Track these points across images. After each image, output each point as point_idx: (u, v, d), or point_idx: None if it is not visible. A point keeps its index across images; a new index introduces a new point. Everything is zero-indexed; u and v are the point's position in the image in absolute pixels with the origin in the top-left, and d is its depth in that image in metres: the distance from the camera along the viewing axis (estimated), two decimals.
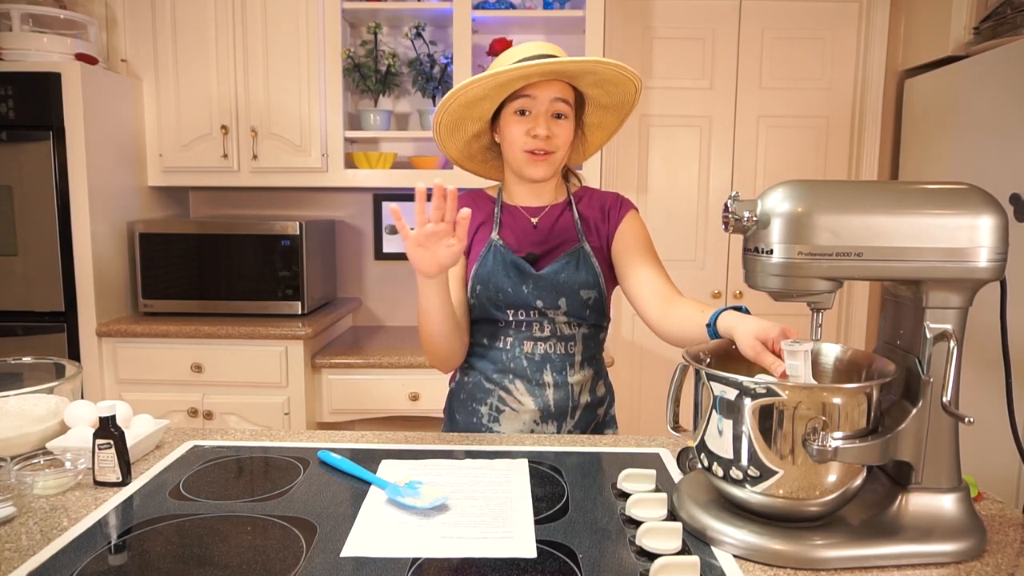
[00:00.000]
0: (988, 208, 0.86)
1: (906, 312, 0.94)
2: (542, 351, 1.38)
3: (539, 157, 1.32)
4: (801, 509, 0.88)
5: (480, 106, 1.32)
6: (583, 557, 0.86)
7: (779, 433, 0.85)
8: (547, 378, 1.37)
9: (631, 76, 1.30)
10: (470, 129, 1.39)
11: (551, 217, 1.42)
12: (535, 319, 1.37)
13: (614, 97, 1.36)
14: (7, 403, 1.18)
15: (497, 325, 1.39)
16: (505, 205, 1.45)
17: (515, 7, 2.68)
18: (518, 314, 1.37)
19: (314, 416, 2.49)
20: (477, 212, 1.44)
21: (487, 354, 1.40)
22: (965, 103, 2.42)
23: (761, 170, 2.99)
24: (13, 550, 0.87)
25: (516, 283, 1.35)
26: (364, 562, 0.85)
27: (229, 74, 2.59)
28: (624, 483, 1.05)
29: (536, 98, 1.29)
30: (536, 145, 1.31)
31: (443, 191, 1.09)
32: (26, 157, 2.29)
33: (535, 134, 1.30)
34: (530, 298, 1.35)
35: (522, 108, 1.30)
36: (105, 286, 2.45)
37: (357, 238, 3.02)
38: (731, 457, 0.89)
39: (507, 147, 1.36)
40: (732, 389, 0.88)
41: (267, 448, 1.23)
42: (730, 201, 0.91)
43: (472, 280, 1.38)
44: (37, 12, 2.38)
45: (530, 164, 1.33)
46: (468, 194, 1.48)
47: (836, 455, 0.84)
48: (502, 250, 1.37)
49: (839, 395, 0.86)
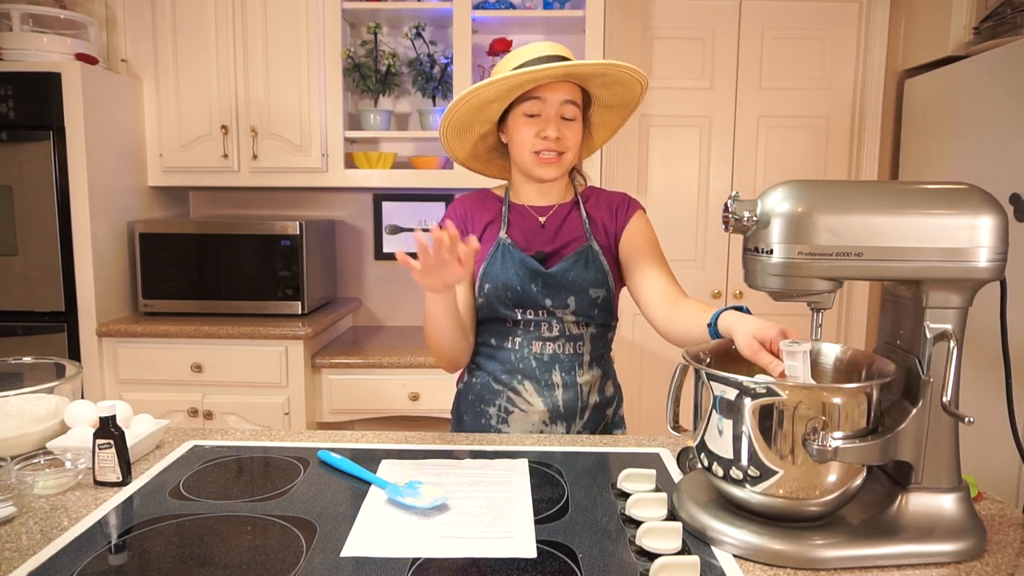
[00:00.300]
0: (988, 208, 0.86)
1: (906, 312, 0.94)
2: (551, 351, 1.37)
3: (549, 159, 1.33)
4: (801, 509, 0.88)
5: (489, 108, 1.33)
6: (583, 557, 0.86)
7: (779, 433, 0.85)
8: (556, 378, 1.37)
9: (639, 78, 1.31)
10: (477, 131, 1.40)
11: (559, 216, 1.42)
12: (543, 319, 1.37)
13: (620, 97, 1.37)
14: (7, 403, 1.18)
15: (505, 325, 1.39)
16: (512, 204, 1.45)
17: (515, 7, 2.68)
18: (527, 313, 1.37)
19: (314, 416, 2.49)
20: (484, 211, 1.44)
21: (495, 355, 1.40)
22: (965, 103, 2.42)
23: (761, 170, 2.99)
24: (13, 550, 0.87)
25: (525, 281, 1.35)
26: (364, 562, 0.85)
27: (229, 74, 2.59)
28: (624, 483, 1.05)
29: (546, 100, 1.30)
30: (546, 146, 1.31)
31: (441, 241, 1.06)
32: (26, 157, 2.29)
33: (545, 136, 1.30)
34: (539, 297, 1.35)
35: (532, 111, 1.31)
36: (105, 286, 2.45)
37: (357, 238, 3.02)
38: (731, 457, 0.89)
39: (516, 148, 1.36)
40: (732, 389, 0.88)
41: (267, 448, 1.23)
42: (730, 201, 0.91)
43: (480, 279, 1.38)
44: (37, 12, 2.38)
45: (539, 165, 1.34)
46: (475, 194, 1.49)
47: (836, 455, 0.84)
48: (511, 249, 1.37)
49: (839, 395, 0.86)
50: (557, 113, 1.31)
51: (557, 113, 1.31)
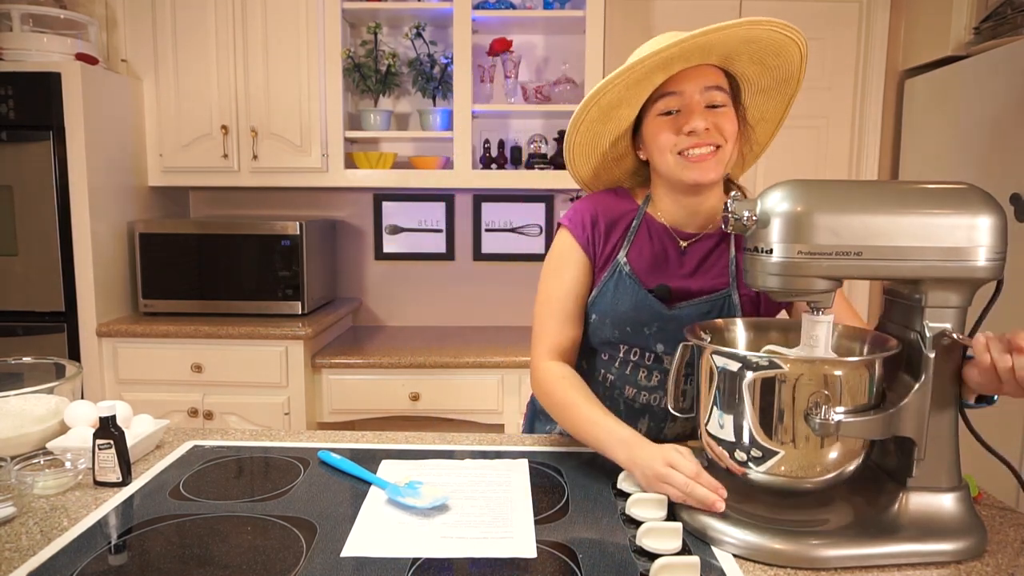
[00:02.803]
0: (987, 208, 0.86)
1: (906, 312, 0.93)
2: (644, 400, 1.22)
3: (700, 157, 1.07)
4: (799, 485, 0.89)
5: (616, 115, 1.12)
6: (583, 557, 0.86)
7: (781, 406, 0.87)
8: (642, 427, 1.23)
9: (797, 38, 1.03)
10: (606, 143, 1.18)
11: (702, 248, 1.18)
12: (646, 363, 1.20)
13: (775, 73, 1.11)
14: (7, 403, 1.18)
15: (601, 357, 1.24)
16: (648, 218, 1.20)
17: (515, 7, 2.68)
18: (630, 353, 1.20)
19: (314, 416, 2.49)
20: (616, 221, 1.20)
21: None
22: (965, 103, 2.42)
23: (761, 170, 2.99)
24: (13, 550, 0.87)
25: (638, 322, 1.17)
26: (364, 562, 0.85)
27: (229, 74, 2.59)
28: (624, 483, 1.05)
29: (683, 93, 1.07)
30: (692, 143, 1.07)
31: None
32: (26, 157, 2.29)
33: (691, 130, 1.06)
34: (650, 341, 1.18)
35: (669, 107, 1.08)
36: (105, 286, 2.45)
37: (357, 238, 3.02)
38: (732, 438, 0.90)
39: (657, 156, 1.12)
40: (734, 362, 0.90)
41: (267, 448, 1.23)
42: (730, 200, 0.91)
43: (590, 308, 1.22)
44: (37, 12, 2.38)
45: (688, 167, 1.08)
46: (610, 195, 1.24)
47: (839, 429, 0.85)
48: (628, 279, 1.17)
49: (841, 367, 0.87)
50: (700, 103, 1.07)
51: (700, 103, 1.07)
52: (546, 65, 2.87)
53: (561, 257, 1.23)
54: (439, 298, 3.03)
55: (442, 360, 2.42)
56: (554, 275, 1.23)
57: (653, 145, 1.12)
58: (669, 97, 1.08)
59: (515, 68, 2.70)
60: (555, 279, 1.22)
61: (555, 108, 2.65)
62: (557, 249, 1.24)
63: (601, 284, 1.19)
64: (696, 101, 1.07)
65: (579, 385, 1.15)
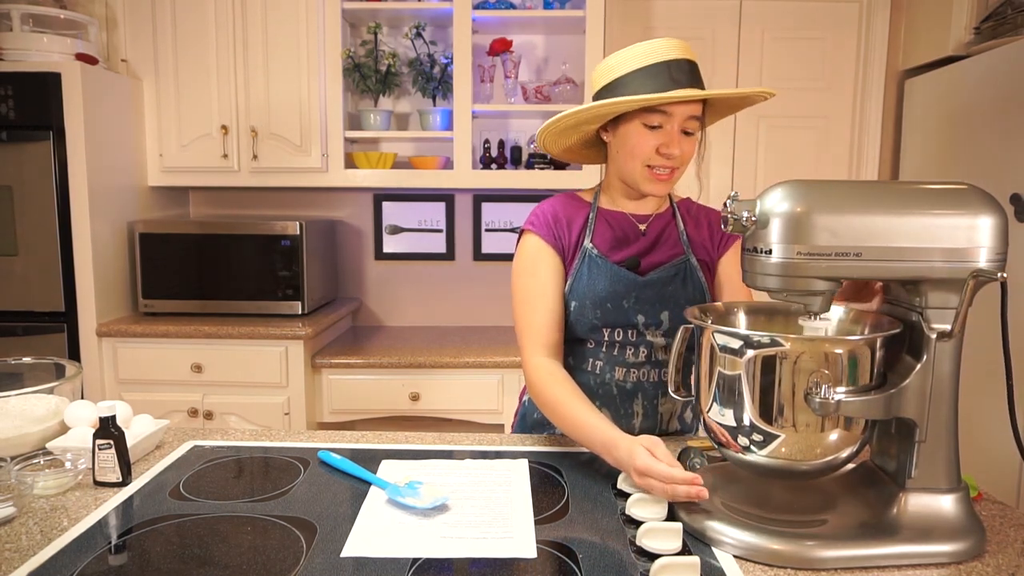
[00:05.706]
0: (988, 208, 0.86)
1: (905, 312, 0.93)
2: (635, 378, 1.29)
3: (662, 176, 1.22)
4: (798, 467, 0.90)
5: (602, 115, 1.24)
6: (583, 557, 0.86)
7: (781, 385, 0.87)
8: (637, 407, 1.29)
9: (769, 96, 1.22)
10: (584, 130, 1.29)
11: (657, 226, 1.33)
12: (631, 340, 1.28)
13: (738, 106, 1.30)
14: (7, 403, 1.18)
15: (587, 346, 1.30)
16: (602, 211, 1.33)
17: (515, 7, 2.68)
18: (614, 334, 1.27)
19: (314, 416, 2.49)
20: (575, 217, 1.32)
21: (572, 376, 1.25)
22: (965, 103, 2.42)
23: (761, 170, 2.99)
24: (13, 550, 0.87)
25: (616, 295, 1.26)
26: (364, 562, 0.85)
27: (229, 74, 2.59)
28: (624, 483, 1.05)
29: (672, 115, 1.19)
30: (663, 163, 1.21)
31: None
32: (26, 157, 2.29)
33: (668, 153, 1.20)
34: (631, 314, 1.26)
35: (655, 122, 1.19)
36: (105, 286, 2.45)
37: (357, 238, 3.02)
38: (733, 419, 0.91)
39: (626, 156, 1.24)
40: (735, 340, 0.90)
41: (267, 448, 1.23)
42: (729, 201, 0.91)
43: (567, 297, 1.29)
44: (37, 12, 2.38)
45: (651, 181, 1.23)
46: (562, 197, 1.36)
47: (839, 408, 0.85)
48: (597, 259, 1.28)
49: (841, 346, 0.87)
50: (679, 128, 1.20)
51: (679, 128, 1.20)
52: (546, 65, 2.87)
53: (531, 257, 1.30)
54: (439, 298, 3.03)
55: (442, 360, 2.42)
56: (528, 274, 1.30)
57: (626, 147, 1.23)
58: (660, 115, 1.19)
59: (515, 68, 2.70)
60: (530, 278, 1.29)
61: (555, 108, 2.65)
62: (526, 251, 1.31)
63: (574, 271, 1.28)
64: (678, 127, 1.20)
65: (565, 380, 1.20)
